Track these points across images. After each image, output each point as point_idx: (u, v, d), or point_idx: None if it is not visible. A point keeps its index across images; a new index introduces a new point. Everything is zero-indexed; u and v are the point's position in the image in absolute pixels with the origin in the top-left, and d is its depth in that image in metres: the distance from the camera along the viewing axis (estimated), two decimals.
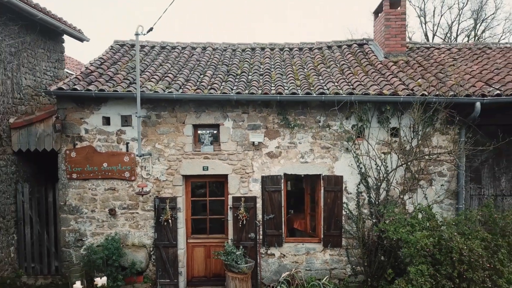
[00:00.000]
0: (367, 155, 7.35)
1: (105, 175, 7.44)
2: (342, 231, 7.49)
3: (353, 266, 7.53)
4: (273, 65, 8.83)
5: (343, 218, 7.48)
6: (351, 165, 7.43)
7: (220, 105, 7.43)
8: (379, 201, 7.33)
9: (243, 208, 7.39)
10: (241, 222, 7.39)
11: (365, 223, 7.33)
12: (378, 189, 7.35)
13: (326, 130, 7.46)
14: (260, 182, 7.50)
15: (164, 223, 7.38)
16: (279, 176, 7.48)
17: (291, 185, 8.42)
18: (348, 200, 7.49)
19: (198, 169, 7.48)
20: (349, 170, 7.45)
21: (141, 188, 6.83)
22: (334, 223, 7.48)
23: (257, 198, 7.51)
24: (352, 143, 7.40)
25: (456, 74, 7.86)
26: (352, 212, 7.46)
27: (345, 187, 7.48)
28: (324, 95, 7.07)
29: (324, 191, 7.49)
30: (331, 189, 7.46)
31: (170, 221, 7.38)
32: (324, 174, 7.48)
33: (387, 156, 7.35)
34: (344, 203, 7.47)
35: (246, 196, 7.49)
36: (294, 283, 7.29)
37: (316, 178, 7.62)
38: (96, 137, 7.47)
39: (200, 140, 7.65)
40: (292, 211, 8.46)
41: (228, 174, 7.52)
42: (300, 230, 8.14)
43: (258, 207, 7.53)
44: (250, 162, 7.51)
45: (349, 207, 7.48)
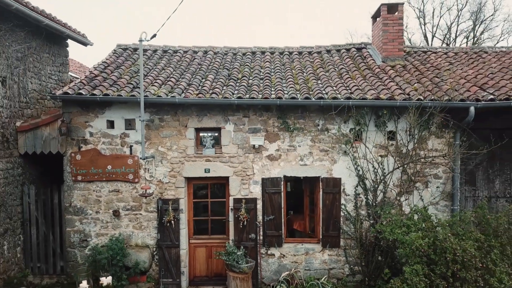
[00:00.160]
0: (365, 158, 7.53)
1: (109, 177, 7.61)
2: (340, 232, 7.66)
3: (351, 266, 7.70)
4: (273, 69, 8.98)
5: (341, 219, 7.65)
6: (349, 168, 7.60)
7: (222, 109, 7.60)
8: (376, 202, 7.50)
9: (244, 209, 7.55)
10: (242, 223, 7.56)
11: (362, 224, 7.49)
12: (375, 191, 7.52)
13: (325, 134, 7.63)
14: (261, 184, 7.67)
15: (167, 224, 7.54)
16: (279, 178, 7.65)
17: (291, 187, 8.57)
18: (346, 202, 7.66)
19: (200, 171, 7.65)
20: (347, 172, 7.62)
21: (145, 190, 7.01)
22: (332, 224, 7.65)
23: (257, 199, 7.68)
24: (350, 146, 7.57)
25: (451, 79, 8.01)
26: (350, 213, 7.63)
27: (343, 189, 7.65)
28: (322, 100, 7.23)
29: (322, 193, 7.66)
30: (330, 191, 7.63)
31: (172, 222, 7.54)
32: (322, 176, 7.65)
33: (384, 159, 7.52)
34: (342, 204, 7.64)
35: (246, 198, 7.66)
36: (294, 283, 7.45)
37: (315, 180, 7.78)
38: (101, 140, 7.64)
39: (202, 143, 7.81)
40: (291, 212, 8.64)
41: (229, 176, 7.69)
42: (299, 231, 8.31)
43: (259, 209, 7.70)
44: (251, 165, 7.68)
45: (347, 208, 7.64)
